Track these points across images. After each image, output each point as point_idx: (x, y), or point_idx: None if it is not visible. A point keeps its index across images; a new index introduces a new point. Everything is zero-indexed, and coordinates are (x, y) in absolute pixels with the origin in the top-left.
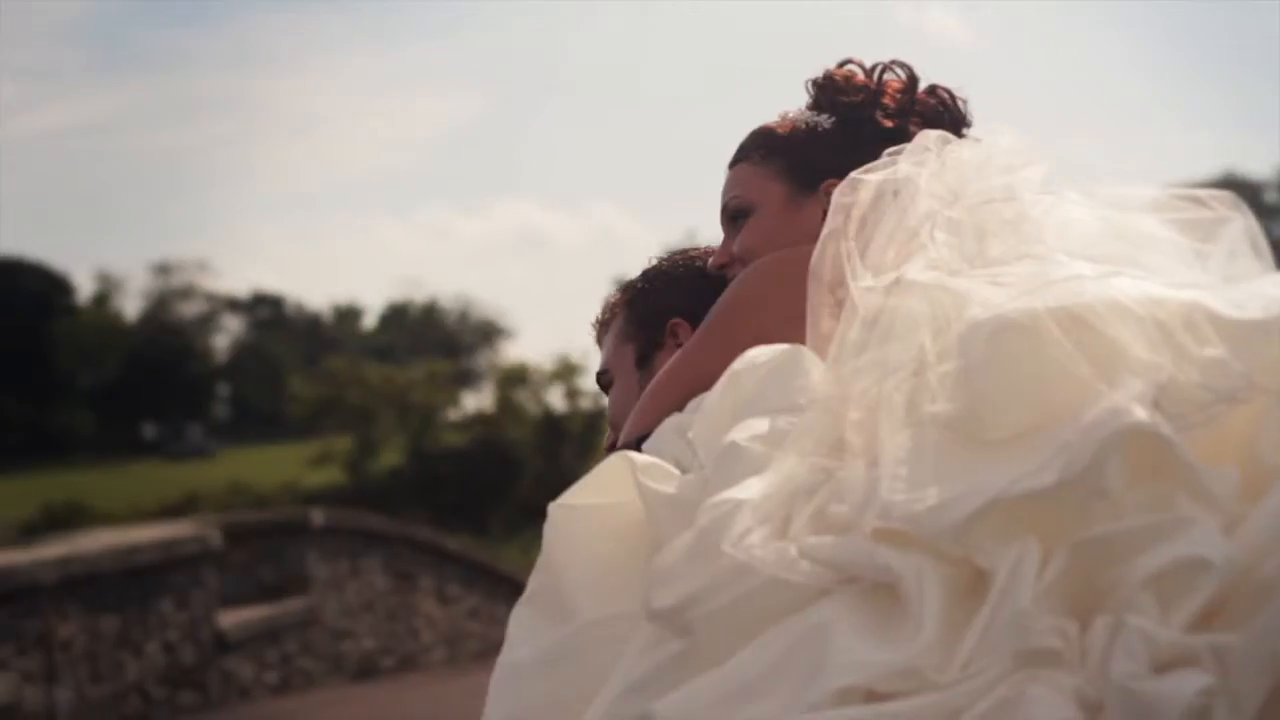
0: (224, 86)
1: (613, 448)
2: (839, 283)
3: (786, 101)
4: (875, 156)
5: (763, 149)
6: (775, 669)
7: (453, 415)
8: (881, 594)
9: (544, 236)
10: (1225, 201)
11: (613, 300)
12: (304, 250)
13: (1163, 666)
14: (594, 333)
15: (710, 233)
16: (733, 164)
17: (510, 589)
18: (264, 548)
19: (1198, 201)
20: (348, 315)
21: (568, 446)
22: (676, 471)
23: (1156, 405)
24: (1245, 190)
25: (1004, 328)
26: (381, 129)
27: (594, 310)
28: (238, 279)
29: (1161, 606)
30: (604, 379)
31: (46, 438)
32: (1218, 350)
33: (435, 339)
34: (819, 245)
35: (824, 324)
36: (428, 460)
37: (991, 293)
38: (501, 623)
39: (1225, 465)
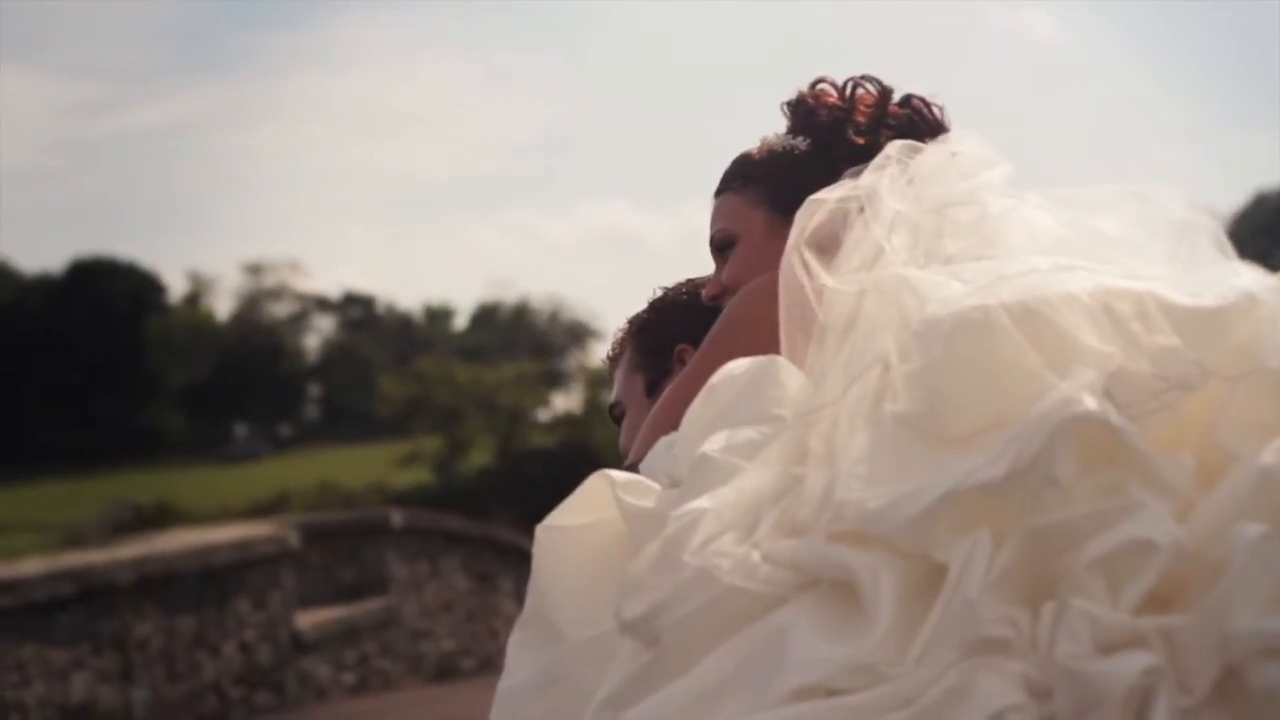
0: (315, 87)
1: None
2: (805, 301)
3: None
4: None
5: (742, 177)
6: (738, 673)
7: (541, 416)
8: (841, 594)
9: (633, 237)
10: (1188, 204)
11: (621, 334)
12: (394, 251)
13: (1109, 649)
14: (607, 367)
15: None
16: (717, 194)
17: None
18: (343, 548)
19: (1160, 204)
20: (438, 315)
21: None
22: (655, 487)
23: (1107, 394)
24: None
25: (960, 324)
26: (469, 130)
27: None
28: (328, 279)
29: (1110, 589)
30: (616, 411)
31: (137, 437)
32: (1170, 338)
33: (525, 340)
34: (782, 266)
35: (797, 342)
36: (516, 461)
37: (950, 289)
38: None
39: (1181, 453)
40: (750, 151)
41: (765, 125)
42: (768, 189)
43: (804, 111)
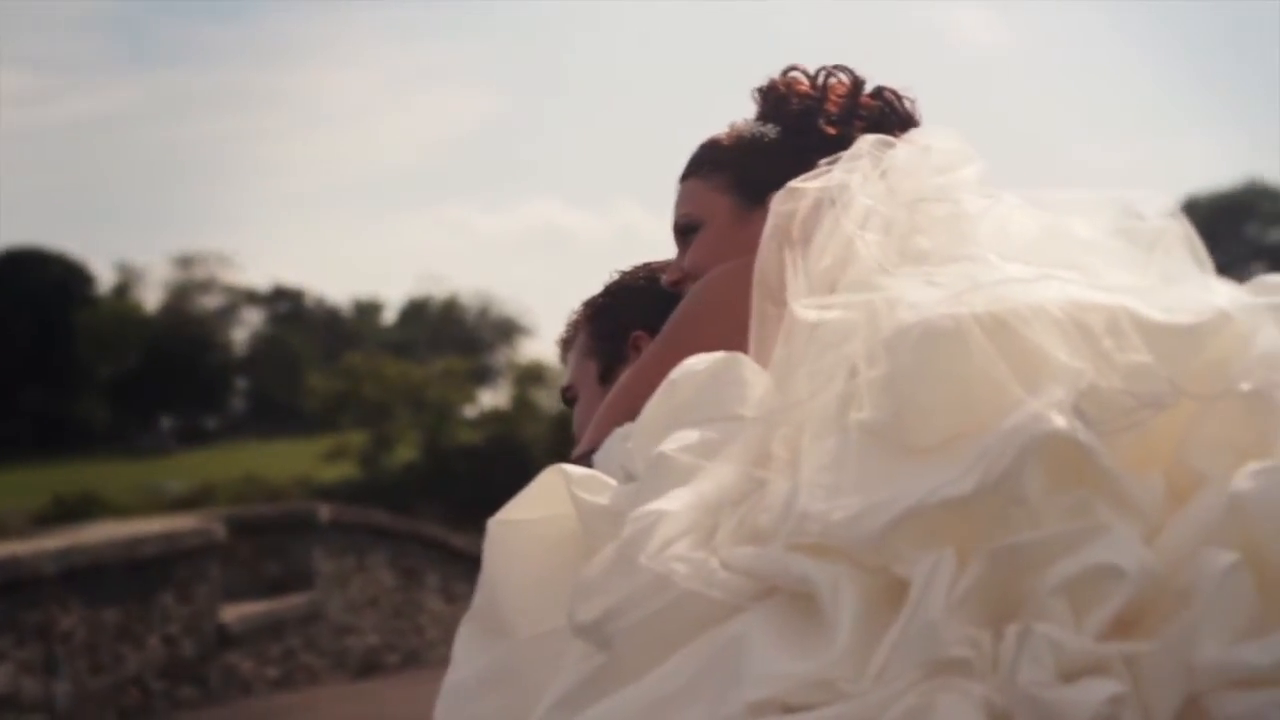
0: (247, 79)
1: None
2: (781, 293)
3: None
4: (818, 165)
5: (710, 163)
6: (693, 683)
7: (469, 412)
8: (801, 605)
9: (566, 234)
10: (1160, 207)
11: (576, 317)
12: (325, 244)
13: (1073, 674)
14: (559, 351)
15: None
16: (682, 178)
17: None
18: (269, 542)
19: (1135, 210)
20: (367, 310)
21: None
22: (611, 482)
23: (1077, 411)
24: (1268, 197)
25: (929, 333)
26: (405, 124)
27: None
28: (258, 273)
29: (1074, 614)
30: (568, 395)
31: (63, 428)
32: (1142, 355)
33: (454, 335)
34: (759, 257)
35: (767, 336)
36: (443, 457)
37: (922, 294)
38: None
39: (1150, 472)
40: (718, 137)
41: (700, 122)
42: (735, 175)
43: (775, 99)
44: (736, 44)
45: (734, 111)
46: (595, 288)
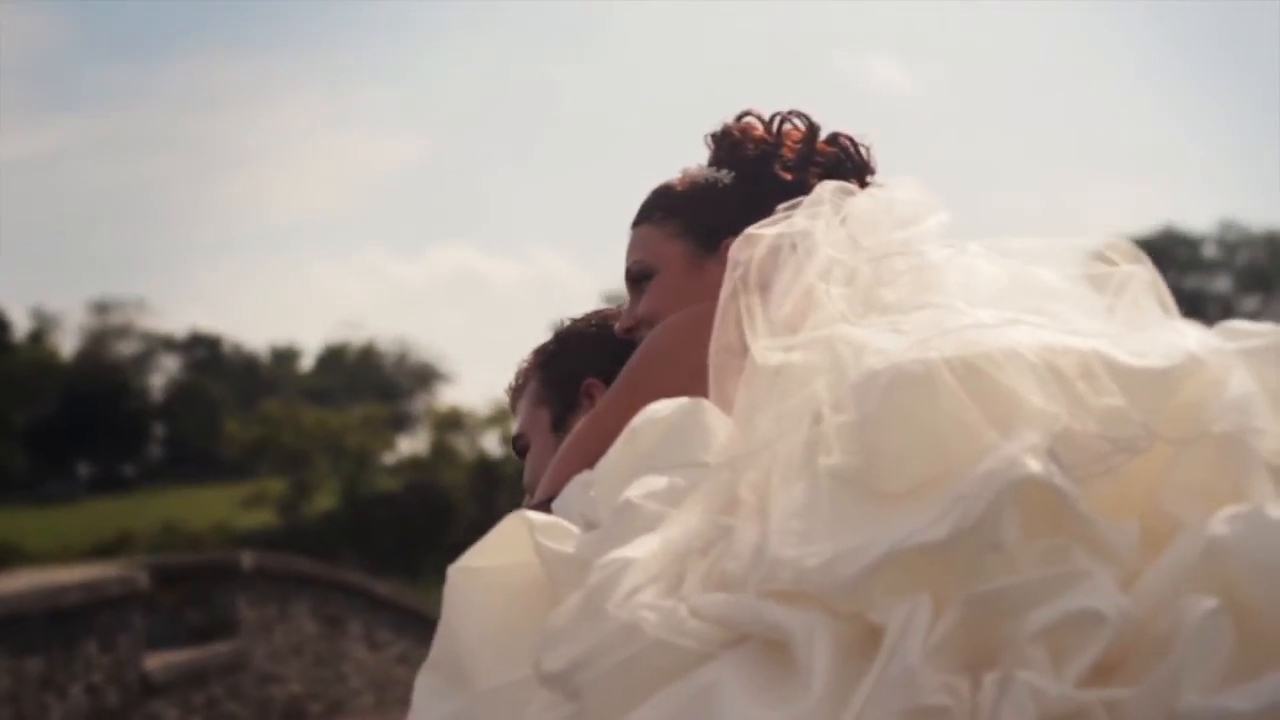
0: (166, 125)
1: None
2: (741, 341)
3: None
4: (775, 211)
5: (662, 209)
6: None
7: (388, 459)
8: (773, 652)
9: (483, 281)
10: (1128, 255)
11: (526, 364)
12: (243, 291)
13: None
14: (509, 399)
15: None
16: (634, 225)
17: None
18: (193, 590)
19: (1100, 256)
20: (285, 356)
21: (503, 491)
22: (575, 530)
23: (1052, 456)
24: (1184, 244)
25: (899, 378)
26: (323, 171)
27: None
28: (176, 319)
29: (1054, 661)
30: (520, 444)
31: None
32: (1116, 399)
33: (372, 382)
34: (720, 304)
35: (727, 384)
36: (361, 504)
37: (889, 341)
38: None
39: (1125, 518)
40: (671, 183)
41: (616, 170)
42: (688, 221)
43: (729, 144)
44: (651, 92)
45: (648, 162)
46: (511, 334)
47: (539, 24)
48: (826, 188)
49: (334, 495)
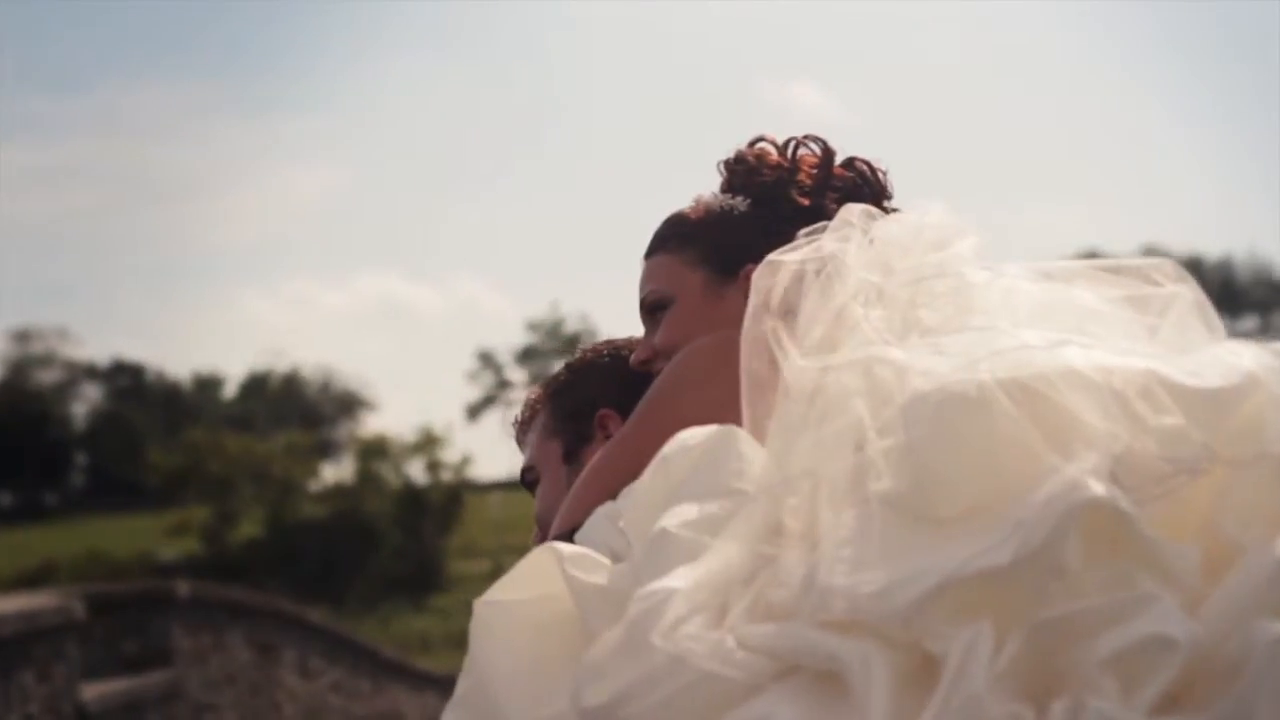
0: (88, 154)
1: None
2: (770, 368)
3: (649, 176)
4: (794, 237)
5: (677, 237)
6: None
7: (312, 486)
8: (825, 684)
9: (406, 309)
10: (1172, 275)
11: (534, 396)
12: (166, 319)
13: None
14: (514, 432)
15: (572, 305)
16: (648, 255)
17: (372, 663)
18: (127, 619)
19: (1141, 274)
20: (207, 384)
21: (428, 519)
22: (606, 561)
23: (1113, 478)
24: None
25: (950, 399)
26: (247, 199)
27: (455, 382)
28: (98, 347)
29: (1123, 688)
30: (529, 476)
31: None
32: (1176, 419)
33: (296, 410)
34: (745, 331)
35: (758, 410)
36: (286, 531)
37: (934, 363)
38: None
39: (1185, 541)
40: (685, 211)
41: (540, 195)
42: (706, 249)
43: (744, 170)
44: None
45: (572, 189)
46: (435, 362)
47: (461, 52)
48: (853, 210)
49: (258, 523)
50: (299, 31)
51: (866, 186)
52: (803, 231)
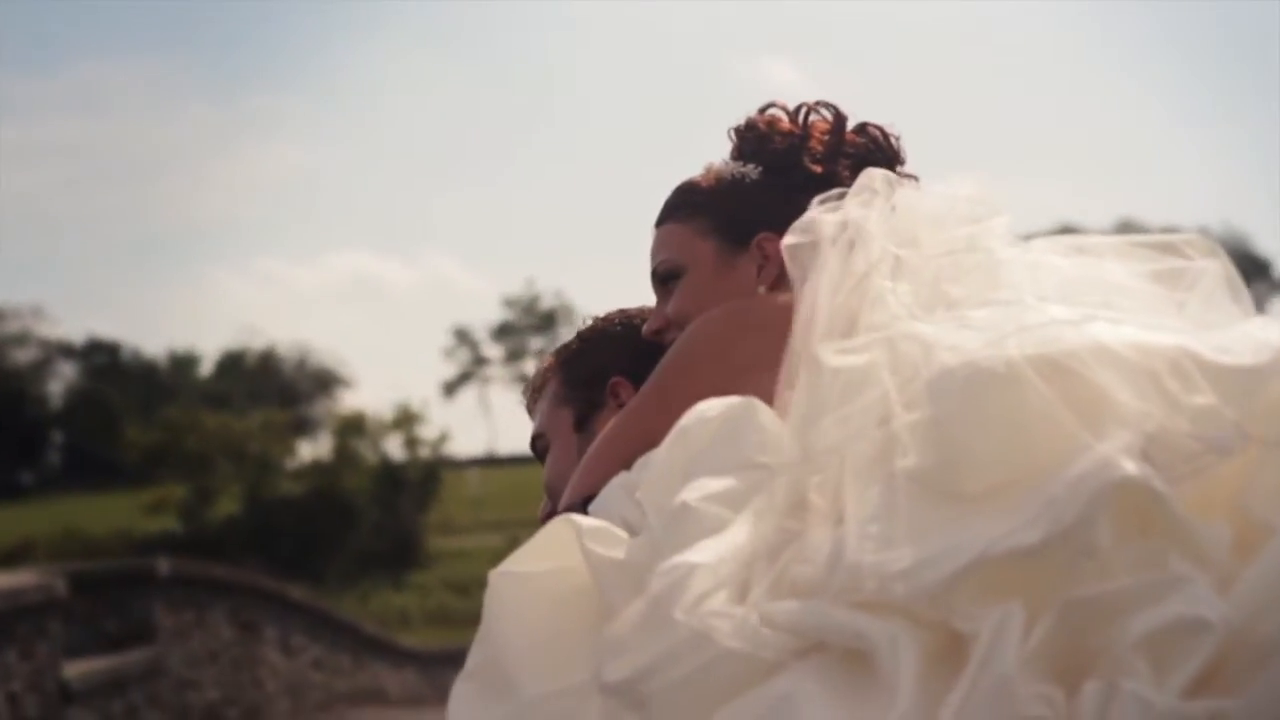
0: (62, 132)
1: (549, 517)
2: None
3: (622, 153)
4: (806, 205)
5: (689, 206)
6: None
7: (290, 464)
8: (851, 661)
9: (379, 285)
10: (1200, 247)
11: (545, 364)
12: (141, 297)
13: None
14: (525, 400)
15: (548, 281)
16: (659, 223)
17: (352, 639)
18: (109, 596)
19: (1171, 248)
20: (184, 363)
21: (406, 495)
22: (624, 535)
23: (1145, 456)
24: None
25: (978, 375)
26: (217, 178)
27: (431, 359)
28: (74, 325)
29: (1156, 670)
30: (539, 444)
31: None
32: (1208, 397)
33: (272, 387)
34: (802, 299)
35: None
36: (264, 509)
37: (960, 337)
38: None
39: (1215, 520)
40: (696, 179)
41: (510, 170)
42: (718, 218)
43: (755, 138)
44: (543, 97)
45: (542, 165)
46: (410, 338)
47: (428, 29)
48: (875, 176)
49: (236, 501)
50: (270, 10)
51: (879, 152)
52: (821, 197)
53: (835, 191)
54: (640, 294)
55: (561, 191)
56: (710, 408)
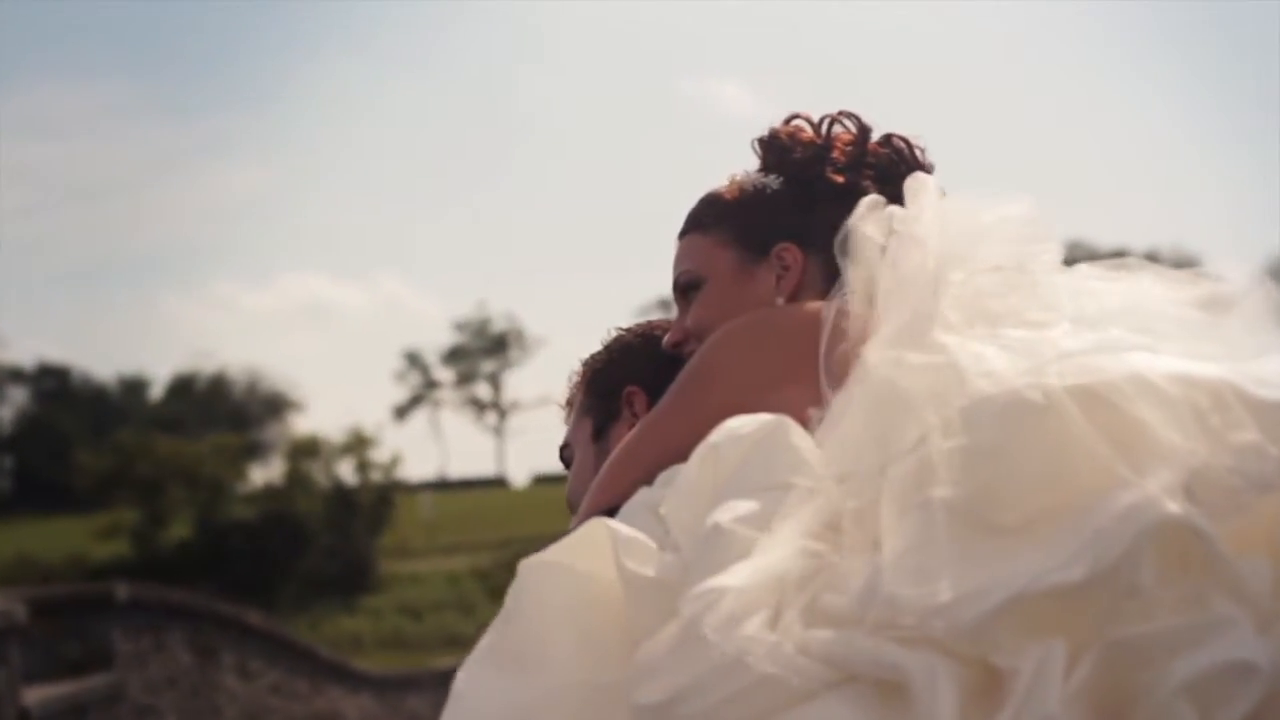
0: (11, 155)
1: None
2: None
3: (573, 174)
4: (828, 216)
5: (710, 217)
6: None
7: (242, 488)
8: (885, 693)
9: (331, 308)
10: (1241, 277)
11: (577, 376)
12: (91, 321)
13: None
14: (563, 413)
15: (498, 304)
16: (681, 235)
17: (310, 664)
18: (67, 622)
19: (1213, 276)
20: (134, 387)
21: (358, 519)
22: (655, 548)
23: (1188, 494)
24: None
25: (1014, 405)
26: (170, 200)
27: (382, 382)
28: (23, 350)
29: (1201, 715)
30: (565, 454)
31: None
32: (1251, 433)
33: (223, 411)
34: (849, 305)
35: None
36: (216, 533)
37: (997, 360)
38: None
39: (1255, 558)
40: (718, 190)
41: (461, 193)
42: (738, 228)
43: (778, 149)
44: (495, 118)
45: (493, 186)
46: (362, 362)
47: (379, 51)
48: (927, 183)
49: (188, 525)
50: (220, 32)
51: (904, 163)
52: (864, 201)
53: (873, 199)
54: (594, 315)
55: (512, 214)
56: (742, 425)
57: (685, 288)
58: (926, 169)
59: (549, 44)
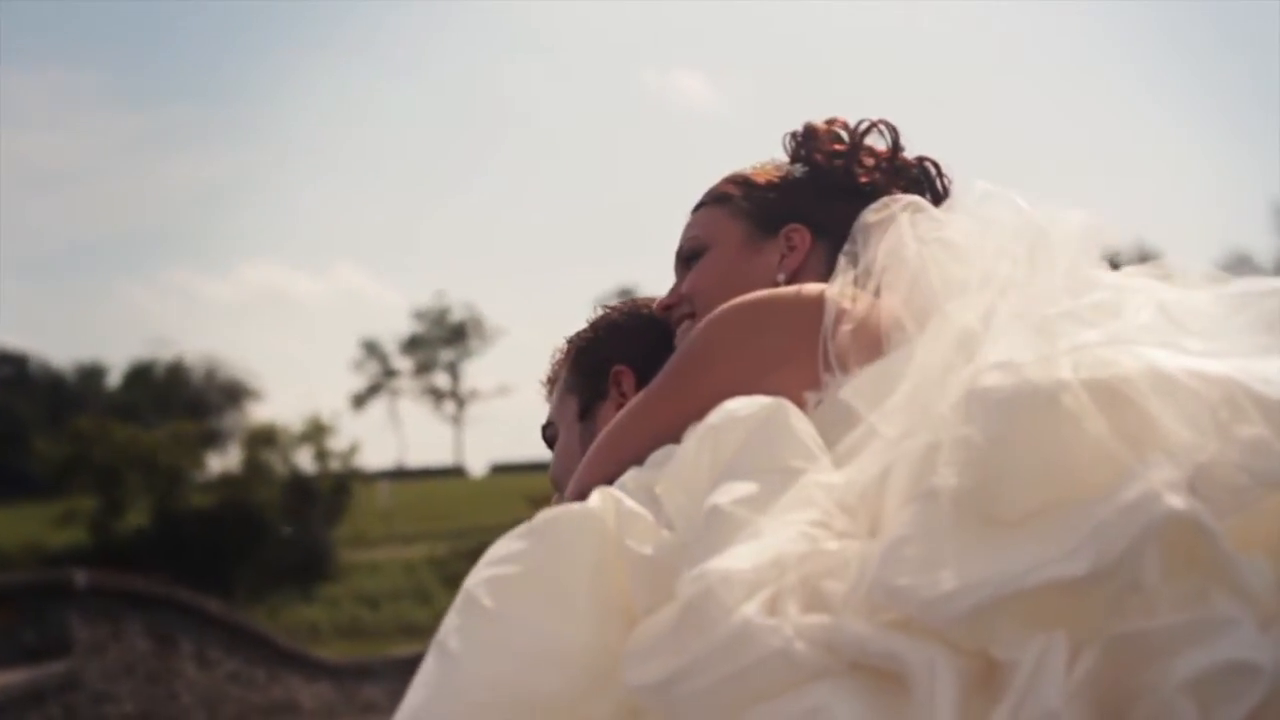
0: None
1: None
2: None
3: (532, 164)
4: (847, 210)
5: (728, 191)
6: None
7: (199, 476)
8: (883, 682)
9: (289, 297)
10: (1201, 269)
11: (560, 354)
12: (48, 309)
13: None
14: (544, 390)
15: (457, 293)
16: (696, 208)
17: (267, 652)
18: (25, 609)
19: (1246, 278)
20: (91, 374)
21: (316, 508)
22: (653, 521)
23: (1192, 489)
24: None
25: (1020, 395)
26: (126, 188)
27: (340, 371)
28: None
29: (1203, 713)
30: (549, 433)
31: None
32: (1260, 429)
33: (181, 399)
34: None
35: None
36: (173, 521)
37: (1006, 350)
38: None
39: (1256, 555)
40: (742, 171)
41: (417, 185)
42: (754, 205)
43: (811, 143)
44: (456, 108)
45: (452, 175)
46: (320, 351)
47: (340, 40)
48: (976, 186)
49: (146, 513)
50: (179, 20)
51: (927, 186)
52: (896, 198)
53: (910, 198)
54: (552, 306)
55: (472, 203)
56: (741, 407)
57: (689, 255)
58: (946, 196)
59: (510, 35)
